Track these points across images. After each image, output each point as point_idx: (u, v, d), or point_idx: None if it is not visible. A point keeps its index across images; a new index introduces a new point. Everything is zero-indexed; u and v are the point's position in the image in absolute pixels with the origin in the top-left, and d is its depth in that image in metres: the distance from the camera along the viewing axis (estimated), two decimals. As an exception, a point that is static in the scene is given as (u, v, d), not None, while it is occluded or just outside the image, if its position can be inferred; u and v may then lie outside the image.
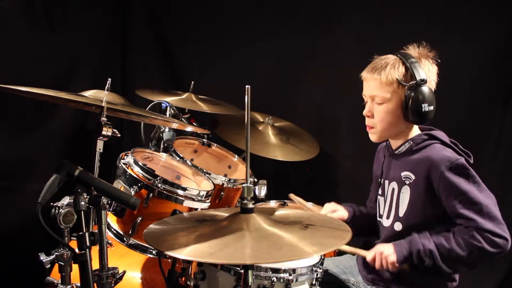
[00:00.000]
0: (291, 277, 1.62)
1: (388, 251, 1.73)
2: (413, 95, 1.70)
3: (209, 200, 2.05)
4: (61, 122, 2.73)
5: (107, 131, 1.76)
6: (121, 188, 1.86)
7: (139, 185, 1.87)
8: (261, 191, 1.98)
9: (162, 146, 2.37)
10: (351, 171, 3.07)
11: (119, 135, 1.84)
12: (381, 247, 1.76)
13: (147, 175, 1.89)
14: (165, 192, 1.89)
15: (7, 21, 2.37)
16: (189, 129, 2.47)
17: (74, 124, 2.83)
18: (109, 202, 1.44)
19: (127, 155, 1.97)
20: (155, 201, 1.90)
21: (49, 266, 1.42)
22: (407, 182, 1.77)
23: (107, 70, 2.97)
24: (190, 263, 1.72)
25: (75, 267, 1.35)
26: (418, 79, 1.70)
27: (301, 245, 1.19)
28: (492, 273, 2.70)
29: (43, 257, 1.42)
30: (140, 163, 1.92)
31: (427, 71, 1.75)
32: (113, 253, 1.95)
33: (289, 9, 3.07)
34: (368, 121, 1.84)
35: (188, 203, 1.94)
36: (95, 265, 1.38)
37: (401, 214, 1.79)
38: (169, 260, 1.81)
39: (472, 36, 2.68)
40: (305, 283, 1.68)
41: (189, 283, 1.69)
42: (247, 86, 1.30)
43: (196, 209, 1.96)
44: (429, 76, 1.75)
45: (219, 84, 3.15)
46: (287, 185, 2.44)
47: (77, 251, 1.33)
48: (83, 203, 1.34)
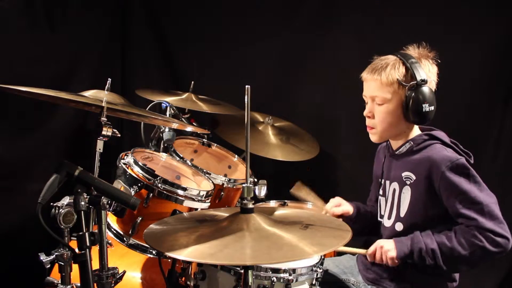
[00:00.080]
0: (291, 277, 1.62)
1: (388, 246, 1.74)
2: (413, 95, 1.70)
3: (209, 200, 2.05)
4: (61, 122, 2.72)
5: (107, 131, 1.76)
6: (121, 188, 1.86)
7: (139, 185, 1.87)
8: (261, 191, 1.98)
9: (162, 146, 2.36)
10: (351, 171, 3.07)
11: (119, 135, 1.84)
12: (382, 242, 1.77)
13: (147, 175, 1.89)
14: (165, 192, 1.89)
15: (7, 21, 2.37)
16: (189, 129, 2.47)
17: (74, 124, 2.83)
18: (109, 202, 1.44)
19: (127, 155, 1.97)
20: (155, 201, 1.89)
21: (49, 266, 1.42)
22: (408, 182, 1.78)
23: (107, 70, 2.97)
24: (190, 263, 1.72)
25: (75, 267, 1.35)
26: (418, 80, 1.70)
27: (301, 245, 1.19)
28: (492, 273, 2.70)
29: (43, 257, 1.42)
30: (140, 163, 1.92)
31: (427, 71, 1.75)
32: (113, 253, 1.95)
33: (289, 9, 3.07)
34: (368, 122, 1.84)
35: (188, 203, 1.93)
36: (95, 265, 1.38)
37: (402, 214, 1.80)
38: (169, 260, 1.81)
39: (472, 36, 2.68)
40: (305, 283, 1.68)
41: (189, 283, 1.69)
42: (247, 86, 1.30)
43: (196, 209, 1.96)
44: (430, 76, 1.75)
45: (219, 84, 3.15)
46: (287, 185, 2.43)
47: (77, 251, 1.33)
48: (83, 203, 1.33)
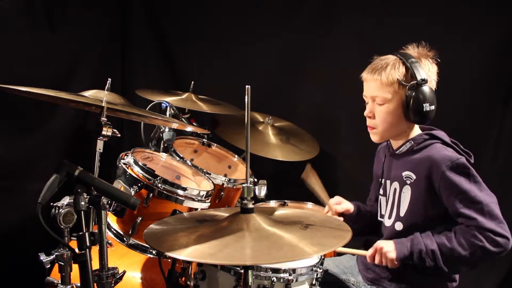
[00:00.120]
0: (291, 277, 1.62)
1: (388, 248, 1.73)
2: (414, 95, 1.70)
3: (209, 200, 2.05)
4: (61, 122, 2.72)
5: (107, 131, 1.76)
6: (121, 188, 1.86)
7: (139, 185, 1.87)
8: (261, 191, 1.98)
9: (162, 146, 2.36)
10: (351, 171, 3.07)
11: (119, 135, 1.84)
12: (382, 243, 1.76)
13: (147, 175, 1.89)
14: (165, 192, 1.89)
15: (7, 21, 2.37)
16: (189, 129, 2.47)
17: (74, 124, 2.83)
18: (109, 202, 1.44)
19: (127, 155, 1.97)
20: (155, 201, 1.89)
21: (49, 266, 1.42)
22: (408, 182, 1.77)
23: (107, 70, 2.97)
24: (190, 263, 1.72)
25: (75, 267, 1.35)
26: (419, 79, 1.70)
27: (301, 245, 1.19)
28: (492, 273, 2.70)
29: (43, 257, 1.42)
30: (140, 163, 1.92)
31: (427, 70, 1.75)
32: (113, 253, 1.95)
33: (289, 9, 3.07)
34: (369, 122, 1.83)
35: (188, 203, 1.93)
36: (95, 265, 1.38)
37: (402, 214, 1.79)
38: (169, 260, 1.81)
39: (472, 36, 2.68)
40: (305, 283, 1.68)
41: (189, 283, 1.69)
42: (247, 86, 1.30)
43: (196, 209, 1.96)
44: (430, 75, 1.75)
45: (219, 84, 3.15)
46: (287, 185, 2.44)
47: (77, 251, 1.33)
48: (83, 203, 1.33)
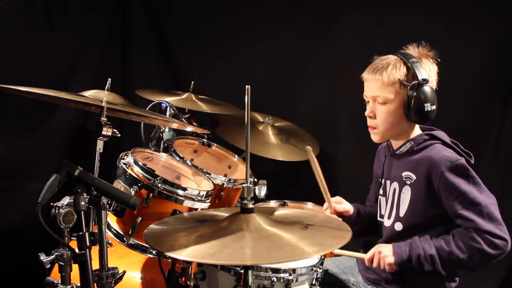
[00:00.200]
0: (291, 277, 1.62)
1: (386, 252, 1.72)
2: (415, 95, 1.70)
3: (209, 200, 2.05)
4: (61, 122, 2.72)
5: (107, 131, 1.76)
6: (121, 188, 1.86)
7: (139, 185, 1.87)
8: (261, 191, 1.99)
9: (162, 146, 2.36)
10: (351, 171, 3.07)
11: (119, 135, 1.84)
12: (380, 247, 1.75)
13: (147, 175, 1.89)
14: (165, 192, 1.89)
15: (7, 21, 2.37)
16: (189, 129, 2.47)
17: (74, 124, 2.83)
18: (109, 202, 1.44)
19: (127, 155, 1.97)
20: (155, 201, 1.89)
21: (49, 266, 1.42)
22: (408, 182, 1.77)
23: (107, 70, 2.97)
24: (190, 263, 1.72)
25: (75, 267, 1.35)
26: (420, 79, 1.70)
27: (301, 245, 1.19)
28: (492, 273, 2.70)
29: (43, 257, 1.42)
30: (140, 163, 1.92)
31: (428, 70, 1.75)
32: (113, 253, 1.95)
33: (289, 9, 3.07)
34: (370, 122, 1.83)
35: (188, 203, 1.93)
36: (95, 265, 1.38)
37: (401, 214, 1.79)
38: (169, 260, 1.81)
39: (472, 36, 2.68)
40: (305, 283, 1.68)
41: (189, 283, 1.69)
42: (247, 86, 1.30)
43: (196, 209, 1.96)
44: (430, 75, 1.75)
45: (219, 84, 3.15)
46: (287, 185, 2.44)
47: (77, 251, 1.33)
48: (83, 203, 1.33)
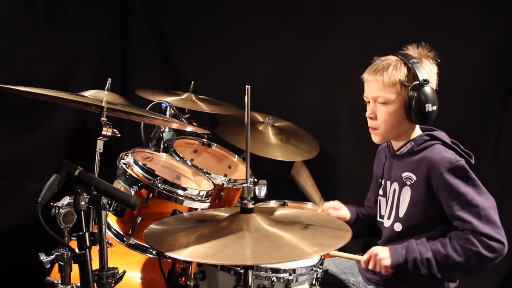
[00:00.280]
0: (291, 277, 1.62)
1: (383, 255, 1.72)
2: (416, 95, 1.70)
3: (209, 200, 2.05)
4: (61, 122, 2.72)
5: (107, 131, 1.76)
6: (121, 188, 1.86)
7: (139, 185, 1.87)
8: (261, 191, 1.99)
9: (162, 146, 2.36)
10: (351, 171, 3.07)
11: (119, 135, 1.84)
12: (377, 249, 1.75)
13: (147, 175, 1.89)
14: (165, 192, 1.89)
15: (7, 21, 2.37)
16: (189, 129, 2.47)
17: (74, 124, 2.83)
18: (109, 202, 1.44)
19: (127, 155, 1.97)
20: (155, 201, 1.89)
21: (49, 266, 1.42)
22: (408, 183, 1.77)
23: (107, 70, 2.97)
24: (190, 263, 1.72)
25: (75, 267, 1.35)
26: (421, 80, 1.70)
27: (301, 245, 1.19)
28: (492, 274, 2.70)
29: (43, 257, 1.42)
30: (140, 163, 1.92)
31: (428, 71, 1.75)
32: (113, 253, 1.95)
33: (289, 9, 3.08)
34: (371, 123, 1.82)
35: (188, 203, 1.93)
36: (95, 265, 1.38)
37: (401, 214, 1.79)
38: (169, 260, 1.81)
39: (472, 36, 2.68)
40: (305, 283, 1.68)
41: (189, 283, 1.69)
42: (247, 86, 1.30)
43: (196, 209, 1.96)
44: (431, 76, 1.75)
45: (219, 84, 3.15)
46: (287, 185, 2.42)
47: (77, 251, 1.33)
48: (83, 203, 1.33)
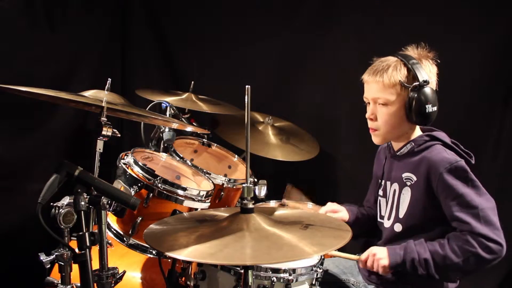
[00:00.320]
0: (291, 277, 1.62)
1: (381, 255, 1.73)
2: (416, 96, 1.69)
3: (209, 200, 2.05)
4: (61, 122, 2.73)
5: (107, 131, 1.76)
6: (121, 188, 1.86)
7: (139, 185, 1.87)
8: (261, 191, 1.98)
9: (162, 146, 2.36)
10: (351, 171, 3.06)
11: (119, 135, 1.84)
12: (375, 249, 1.75)
13: (147, 175, 1.89)
14: (165, 192, 1.89)
15: (7, 21, 2.37)
16: (189, 129, 2.47)
17: (74, 124, 2.83)
18: (109, 202, 1.44)
19: (127, 155, 1.97)
20: (155, 201, 1.89)
21: (49, 266, 1.42)
22: (408, 183, 1.77)
23: (107, 70, 2.97)
24: (190, 263, 1.72)
25: (75, 267, 1.35)
26: (421, 80, 1.69)
27: (301, 245, 1.19)
28: (492, 274, 2.70)
29: (43, 257, 1.42)
30: (140, 163, 1.92)
31: (428, 71, 1.75)
32: (113, 253, 1.95)
33: (289, 9, 3.07)
34: (371, 124, 1.82)
35: (188, 203, 1.93)
36: (95, 265, 1.38)
37: (401, 215, 1.79)
38: (169, 260, 1.81)
39: (472, 36, 2.68)
40: (305, 283, 1.68)
41: (189, 283, 1.69)
42: (247, 86, 1.30)
43: (196, 209, 1.96)
44: (431, 77, 1.75)
45: (219, 84, 3.15)
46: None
47: (77, 251, 1.33)
48: (83, 203, 1.33)
